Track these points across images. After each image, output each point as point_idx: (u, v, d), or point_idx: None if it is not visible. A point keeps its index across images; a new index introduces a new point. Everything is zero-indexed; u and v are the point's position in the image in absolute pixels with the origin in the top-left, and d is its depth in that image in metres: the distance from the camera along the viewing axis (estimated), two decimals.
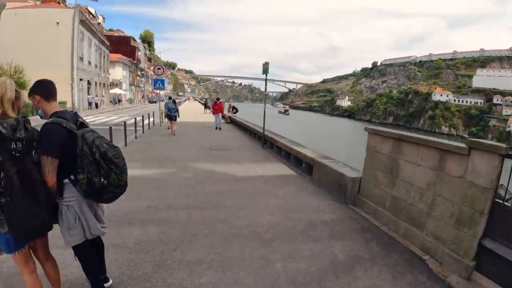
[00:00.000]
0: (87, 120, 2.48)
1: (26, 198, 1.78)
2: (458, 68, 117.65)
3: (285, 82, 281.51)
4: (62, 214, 2.11)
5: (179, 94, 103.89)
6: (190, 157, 8.34)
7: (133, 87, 60.86)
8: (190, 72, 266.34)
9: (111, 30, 79.46)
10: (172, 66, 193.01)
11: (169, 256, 3.14)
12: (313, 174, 6.24)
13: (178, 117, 13.98)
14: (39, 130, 2.01)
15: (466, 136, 79.52)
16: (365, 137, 4.72)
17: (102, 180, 2.06)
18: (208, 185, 5.80)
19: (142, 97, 67.33)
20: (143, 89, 70.81)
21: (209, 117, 23.43)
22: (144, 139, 11.74)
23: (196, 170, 6.96)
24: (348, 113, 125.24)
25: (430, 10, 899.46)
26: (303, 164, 6.94)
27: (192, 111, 32.66)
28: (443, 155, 3.36)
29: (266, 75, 9.71)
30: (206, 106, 33.42)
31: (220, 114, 16.52)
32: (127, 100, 52.83)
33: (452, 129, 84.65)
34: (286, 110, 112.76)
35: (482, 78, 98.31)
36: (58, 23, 24.48)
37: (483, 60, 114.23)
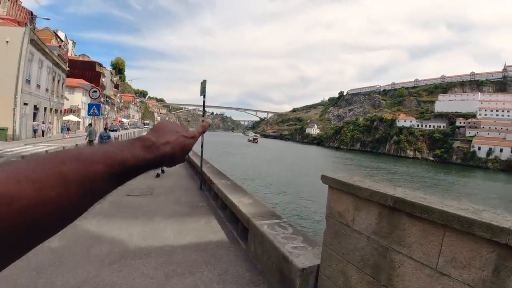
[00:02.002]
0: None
1: None
2: (420, 95, 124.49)
3: (256, 111, 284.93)
4: None
5: (145, 122, 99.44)
6: None
7: None
8: (161, 100, 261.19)
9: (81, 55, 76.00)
10: (143, 94, 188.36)
11: None
12: (249, 243, 3.92)
13: None
14: None
15: (431, 159, 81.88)
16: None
17: None
18: (66, 269, 3.28)
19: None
20: (107, 116, 66.26)
21: None
22: None
23: (74, 236, 4.36)
24: (318, 141, 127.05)
25: (394, 42, 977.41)
26: (239, 222, 4.60)
27: None
28: (503, 256, 1.27)
29: (204, 96, 7.57)
30: None
31: None
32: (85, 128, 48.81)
33: (417, 153, 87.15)
34: (255, 139, 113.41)
35: (444, 103, 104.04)
36: (7, 42, 21.83)
37: (445, 86, 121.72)
